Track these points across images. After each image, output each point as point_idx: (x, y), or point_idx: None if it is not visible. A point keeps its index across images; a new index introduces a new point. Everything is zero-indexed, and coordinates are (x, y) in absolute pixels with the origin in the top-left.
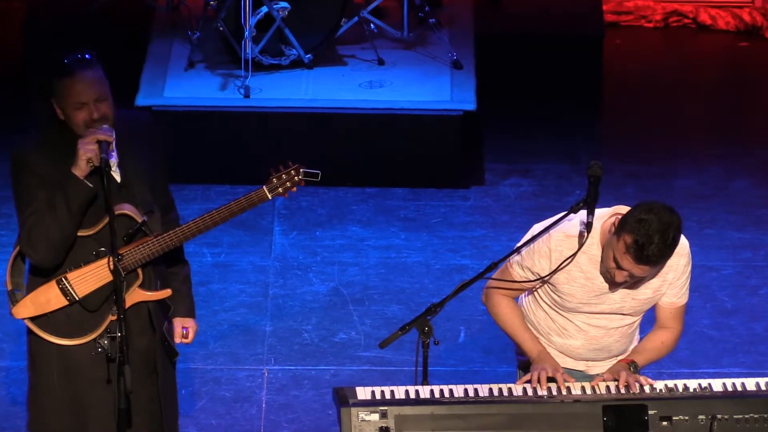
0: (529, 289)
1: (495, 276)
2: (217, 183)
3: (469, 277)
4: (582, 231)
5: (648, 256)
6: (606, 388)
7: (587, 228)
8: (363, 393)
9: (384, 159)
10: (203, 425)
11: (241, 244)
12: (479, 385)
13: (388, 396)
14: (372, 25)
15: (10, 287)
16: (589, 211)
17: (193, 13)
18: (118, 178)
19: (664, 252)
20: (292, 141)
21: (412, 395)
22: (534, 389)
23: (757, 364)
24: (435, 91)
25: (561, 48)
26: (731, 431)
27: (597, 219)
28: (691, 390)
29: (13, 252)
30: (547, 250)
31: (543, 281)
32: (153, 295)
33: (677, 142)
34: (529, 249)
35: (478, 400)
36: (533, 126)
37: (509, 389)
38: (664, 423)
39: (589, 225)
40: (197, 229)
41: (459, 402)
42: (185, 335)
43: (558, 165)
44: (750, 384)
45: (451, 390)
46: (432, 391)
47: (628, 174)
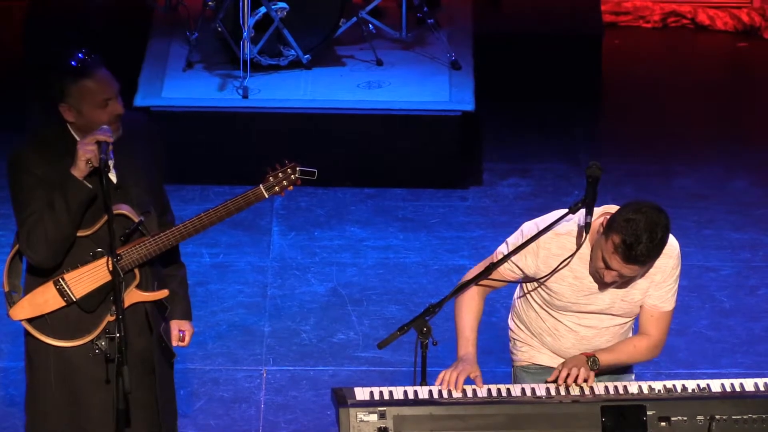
0: (517, 284)
1: (478, 265)
2: (216, 184)
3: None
4: (571, 230)
5: (636, 255)
6: (605, 388)
7: (585, 229)
8: (361, 393)
9: (382, 159)
10: (202, 426)
11: (240, 244)
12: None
13: (386, 396)
14: (370, 26)
15: (7, 289)
16: (588, 212)
17: (192, 14)
18: (114, 178)
19: (652, 251)
20: (290, 141)
21: (410, 396)
22: (533, 389)
23: (756, 364)
24: (433, 92)
25: (559, 48)
26: None
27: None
28: (690, 390)
29: (11, 253)
30: (535, 247)
31: (526, 280)
32: (150, 296)
33: (676, 142)
34: (518, 244)
35: (476, 400)
36: (532, 126)
37: (508, 390)
38: (662, 423)
39: (588, 226)
40: (194, 229)
41: (457, 402)
42: (182, 338)
43: (557, 165)
44: (748, 384)
45: (450, 390)
46: (431, 392)
47: (626, 174)
